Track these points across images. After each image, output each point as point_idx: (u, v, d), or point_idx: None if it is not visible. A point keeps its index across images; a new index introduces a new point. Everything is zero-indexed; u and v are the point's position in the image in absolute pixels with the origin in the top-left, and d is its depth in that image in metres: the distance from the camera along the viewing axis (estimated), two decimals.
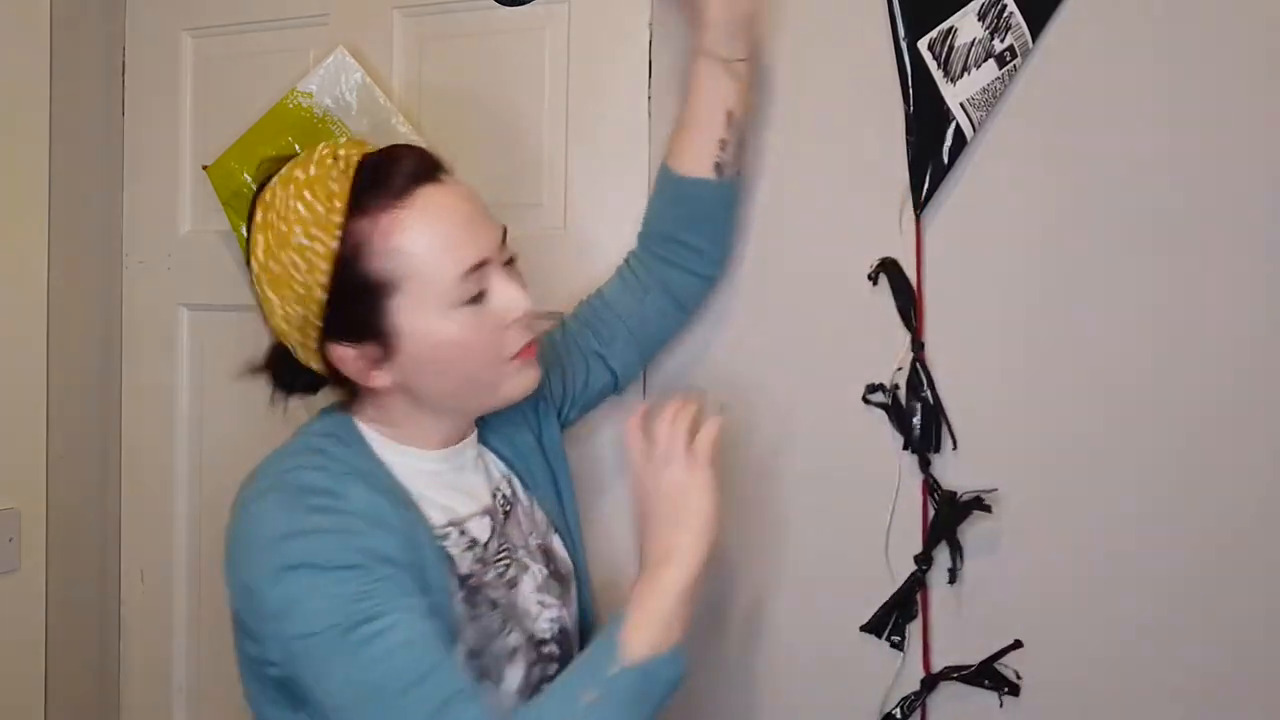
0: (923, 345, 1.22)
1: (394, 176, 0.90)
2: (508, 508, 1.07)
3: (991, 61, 1.16)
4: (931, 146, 1.19)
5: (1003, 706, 1.20)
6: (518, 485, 1.11)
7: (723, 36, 1.11)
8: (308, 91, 1.47)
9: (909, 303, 1.21)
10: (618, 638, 0.88)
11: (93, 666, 1.67)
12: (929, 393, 1.20)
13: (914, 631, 1.23)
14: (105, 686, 1.69)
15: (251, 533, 0.89)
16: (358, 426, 1.00)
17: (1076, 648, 1.17)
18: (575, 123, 1.39)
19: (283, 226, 0.90)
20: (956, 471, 1.21)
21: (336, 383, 1.01)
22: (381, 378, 0.95)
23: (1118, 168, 1.14)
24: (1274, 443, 1.09)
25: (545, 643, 1.03)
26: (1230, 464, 1.11)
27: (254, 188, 1.48)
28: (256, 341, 1.57)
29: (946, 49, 1.17)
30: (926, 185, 1.20)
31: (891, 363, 1.23)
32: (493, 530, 1.02)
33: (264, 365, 1.05)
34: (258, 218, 0.94)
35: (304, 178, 0.91)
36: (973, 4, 1.16)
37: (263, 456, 1.00)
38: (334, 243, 0.89)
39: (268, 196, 0.93)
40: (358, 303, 0.91)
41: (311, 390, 1.06)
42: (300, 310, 0.92)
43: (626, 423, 1.01)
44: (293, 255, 0.90)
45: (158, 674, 1.66)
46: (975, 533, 1.20)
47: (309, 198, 0.89)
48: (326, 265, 0.89)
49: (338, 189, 0.89)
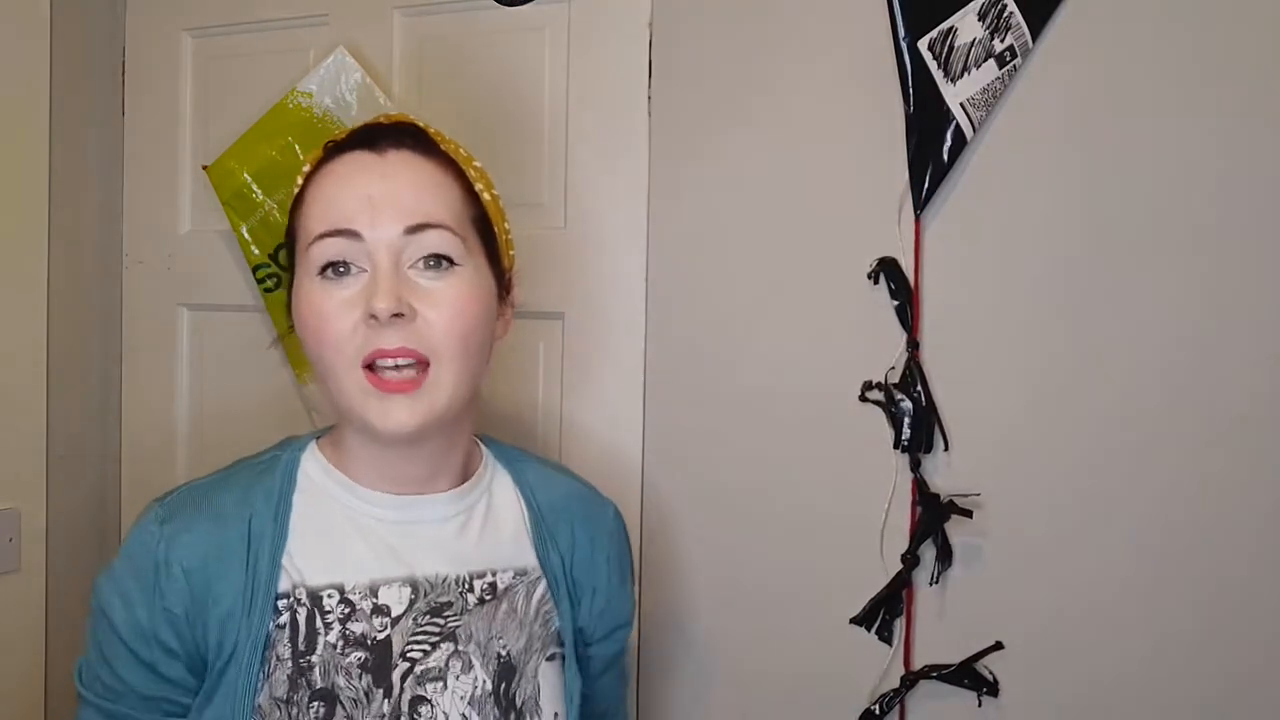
0: (918, 345, 1.22)
1: (344, 140, 0.90)
2: (488, 597, 0.92)
3: (991, 61, 1.16)
4: (931, 146, 1.19)
5: (981, 706, 1.20)
6: (536, 586, 0.95)
7: None
8: (308, 91, 1.47)
9: (907, 302, 1.21)
10: None
11: None
12: (922, 392, 1.21)
13: (897, 629, 1.24)
14: None
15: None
16: (310, 453, 0.93)
17: (1057, 651, 1.17)
18: (575, 123, 1.39)
19: None
20: (948, 472, 1.22)
21: None
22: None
23: (1118, 168, 1.14)
24: (1270, 447, 1.10)
25: None
26: (1223, 469, 1.11)
27: (254, 188, 1.50)
28: (256, 341, 1.59)
29: (946, 49, 1.17)
30: (926, 185, 1.20)
31: (889, 361, 1.23)
32: (410, 603, 0.88)
33: None
34: None
35: None
36: (973, 4, 1.16)
37: (208, 476, 0.97)
38: (293, 196, 0.92)
39: None
40: (289, 251, 0.91)
41: None
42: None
43: None
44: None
45: None
46: (963, 534, 1.20)
47: (305, 158, 0.94)
48: (287, 213, 0.92)
49: (320, 148, 0.92)
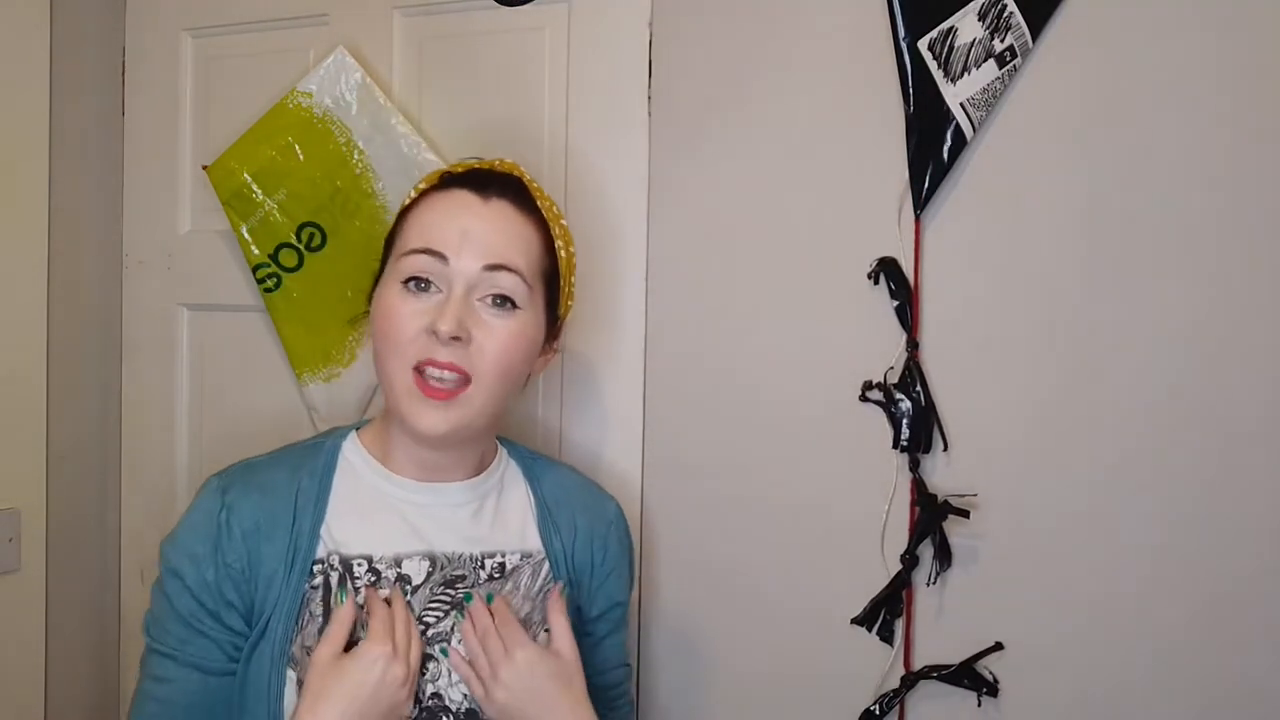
0: (918, 345, 1.22)
1: (459, 175, 1.03)
2: (497, 574, 1.04)
3: (991, 61, 1.16)
4: (931, 146, 1.19)
5: (980, 707, 1.20)
6: (540, 568, 1.07)
7: None
8: (308, 91, 1.47)
9: (906, 302, 1.21)
10: None
11: (93, 666, 1.67)
12: (921, 393, 1.21)
13: (898, 629, 1.24)
14: (105, 686, 1.69)
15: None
16: (351, 441, 1.06)
17: (1057, 652, 1.17)
18: (575, 122, 1.39)
19: None
20: (947, 472, 1.22)
21: None
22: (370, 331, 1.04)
23: (1118, 168, 1.14)
24: (1269, 449, 1.10)
25: (444, 711, 0.98)
26: (1223, 469, 1.11)
27: (254, 188, 1.50)
28: (256, 341, 1.59)
29: (946, 49, 1.17)
30: (926, 185, 1.20)
31: (888, 361, 1.23)
32: (428, 575, 1.01)
33: None
34: None
35: None
36: (973, 4, 1.16)
37: (263, 455, 1.07)
38: (406, 201, 1.07)
39: None
40: (386, 249, 1.05)
41: None
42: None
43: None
44: None
45: None
46: (962, 534, 1.20)
47: (424, 178, 1.09)
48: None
49: (438, 173, 1.07)
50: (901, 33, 1.19)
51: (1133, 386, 1.14)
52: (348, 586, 0.98)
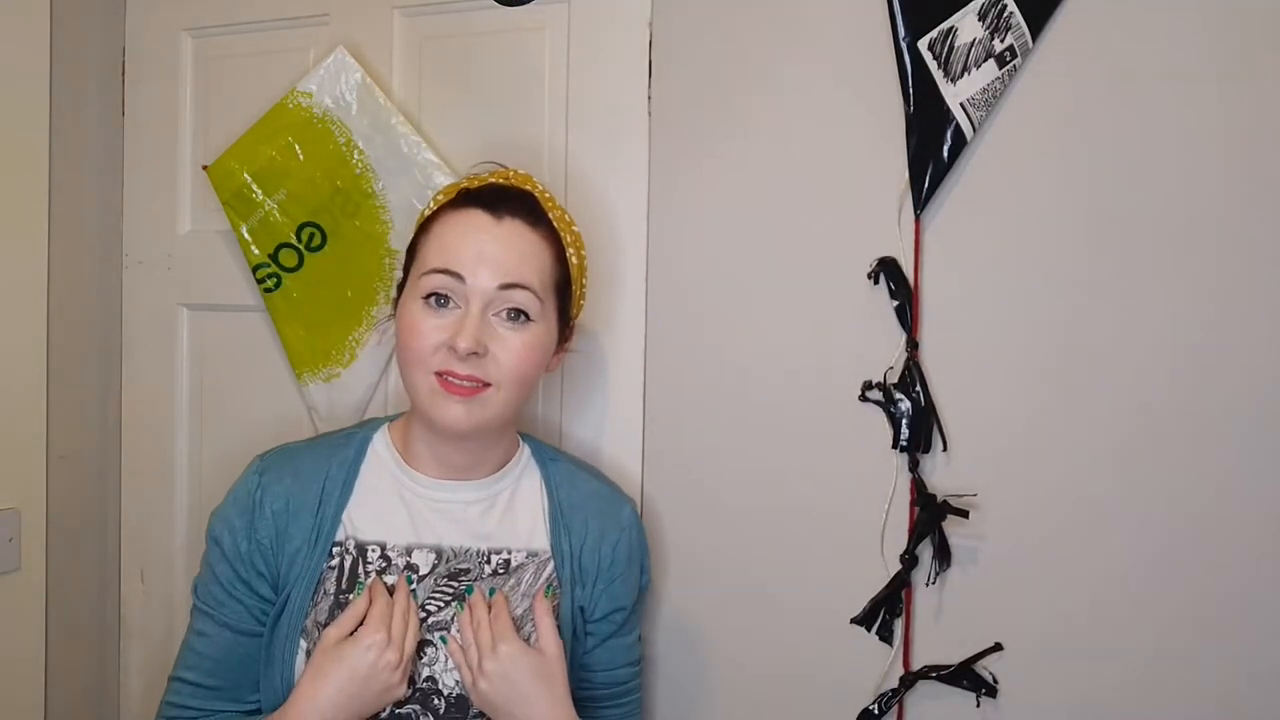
0: (918, 345, 1.22)
1: (471, 195, 1.10)
2: (501, 570, 1.11)
3: (991, 61, 1.16)
4: (931, 146, 1.19)
5: (979, 707, 1.20)
6: (544, 567, 1.13)
7: None
8: (308, 91, 1.47)
9: (906, 302, 1.22)
10: None
11: (93, 666, 1.67)
12: (921, 393, 1.21)
13: (897, 629, 1.24)
14: (105, 686, 1.69)
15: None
16: (381, 434, 1.15)
17: (1056, 653, 1.17)
18: (575, 122, 1.39)
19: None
20: (946, 472, 1.22)
21: None
22: (394, 333, 1.12)
23: (1118, 168, 1.14)
24: (1269, 449, 1.10)
25: (436, 694, 1.06)
26: (1223, 469, 1.11)
27: (254, 188, 1.50)
28: (256, 341, 1.59)
29: (946, 49, 1.17)
30: (926, 185, 1.20)
31: (888, 361, 1.23)
32: (434, 566, 1.09)
33: None
34: None
35: None
36: (973, 4, 1.16)
37: (301, 441, 1.18)
38: (426, 211, 1.15)
39: None
40: (408, 259, 1.13)
41: None
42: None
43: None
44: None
45: (158, 674, 1.66)
46: (962, 534, 1.20)
47: (441, 191, 1.16)
48: (417, 225, 1.14)
49: (455, 188, 1.13)
50: (901, 33, 1.19)
51: (1133, 386, 1.14)
52: (364, 580, 1.07)
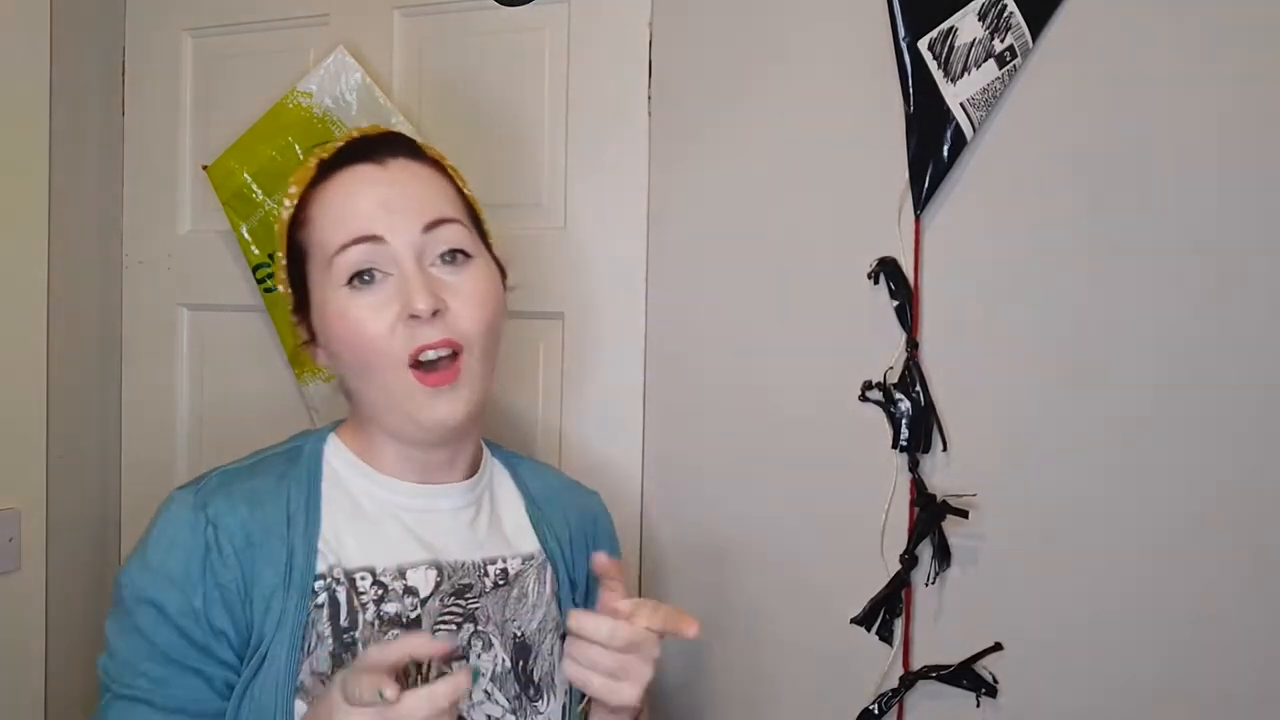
0: (918, 345, 1.22)
1: (338, 155, 0.94)
2: (502, 581, 0.97)
3: (991, 61, 1.16)
4: (931, 146, 1.19)
5: (979, 707, 1.20)
6: (544, 570, 1.01)
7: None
8: (308, 91, 1.47)
9: (906, 302, 1.21)
10: None
11: (93, 666, 1.67)
12: (921, 393, 1.21)
13: (897, 629, 1.24)
14: None
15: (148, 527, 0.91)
16: (331, 443, 0.97)
17: (1056, 653, 1.17)
18: (575, 122, 1.39)
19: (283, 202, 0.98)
20: (946, 472, 1.22)
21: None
22: (323, 358, 0.95)
23: (1118, 168, 1.14)
24: (1269, 448, 1.10)
25: None
26: (1223, 469, 1.11)
27: (254, 188, 1.50)
28: (256, 341, 1.59)
29: (946, 49, 1.17)
30: (926, 185, 1.20)
31: (888, 361, 1.23)
32: (436, 585, 0.92)
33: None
34: None
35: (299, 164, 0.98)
36: (973, 4, 1.16)
37: (237, 463, 0.98)
38: (285, 214, 0.96)
39: None
40: (293, 270, 0.95)
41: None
42: (282, 279, 0.98)
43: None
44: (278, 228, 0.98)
45: None
46: (962, 534, 1.20)
47: (292, 179, 0.97)
48: (282, 233, 0.96)
49: (309, 165, 0.95)
50: (901, 33, 1.19)
51: (1133, 386, 1.14)
52: (365, 615, 0.88)
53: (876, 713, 1.24)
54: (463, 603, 0.94)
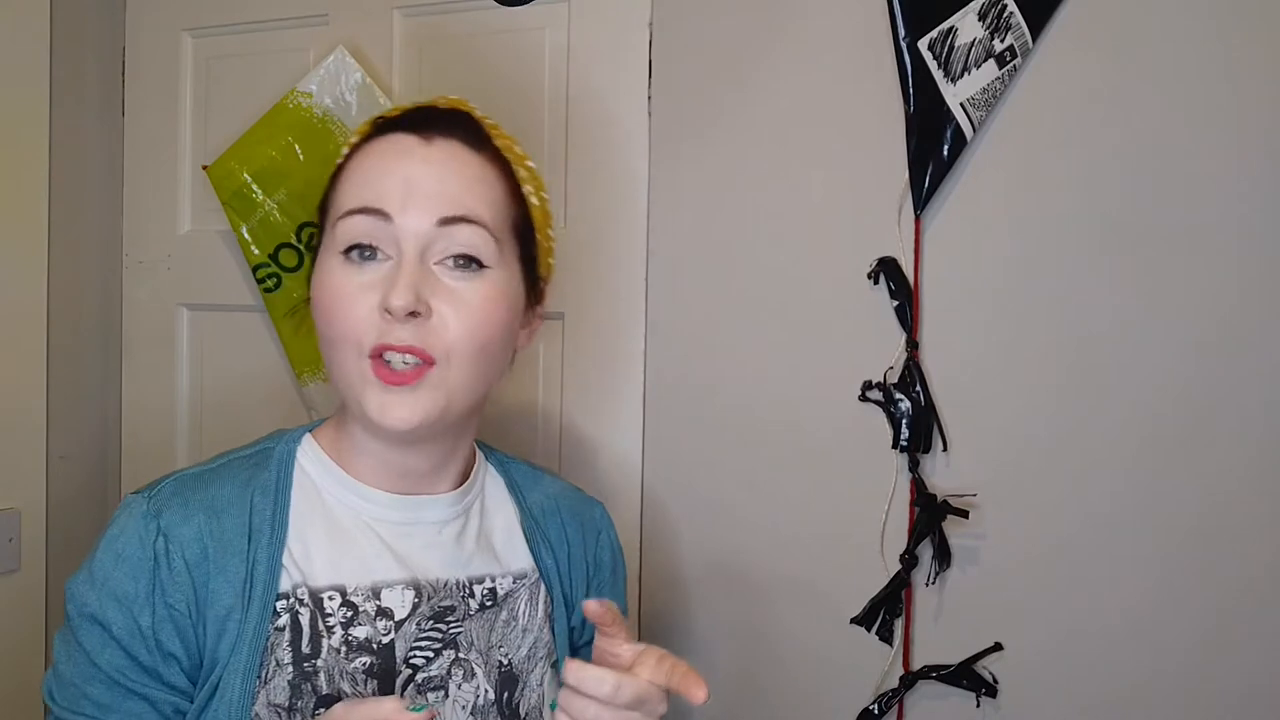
0: (918, 345, 1.22)
1: (394, 119, 0.87)
2: (489, 603, 0.89)
3: (991, 61, 1.16)
4: (931, 146, 1.19)
5: (980, 708, 1.20)
6: (537, 590, 0.93)
7: None
8: (308, 91, 1.47)
9: (906, 302, 1.21)
10: None
11: None
12: (921, 393, 1.21)
13: (897, 629, 1.24)
14: None
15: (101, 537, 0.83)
16: (305, 445, 0.89)
17: (1056, 653, 1.17)
18: (575, 122, 1.39)
19: None
20: (946, 472, 1.22)
21: None
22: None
23: (1118, 168, 1.14)
24: (1268, 449, 1.10)
25: None
26: (1222, 470, 1.11)
27: (254, 188, 1.50)
28: (256, 341, 1.59)
29: (946, 49, 1.17)
30: (926, 185, 1.20)
31: (888, 361, 1.23)
32: (414, 607, 0.85)
33: None
34: None
35: None
36: (973, 4, 1.16)
37: (197, 466, 0.92)
38: (337, 161, 0.89)
39: None
40: (320, 221, 0.88)
41: None
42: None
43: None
44: None
45: None
46: (962, 534, 1.20)
47: (355, 130, 0.91)
48: (327, 180, 0.89)
49: (369, 121, 0.89)
50: (901, 33, 1.19)
51: (1133, 386, 1.14)
52: (327, 638, 0.81)
53: (876, 713, 1.24)
54: (442, 627, 0.86)
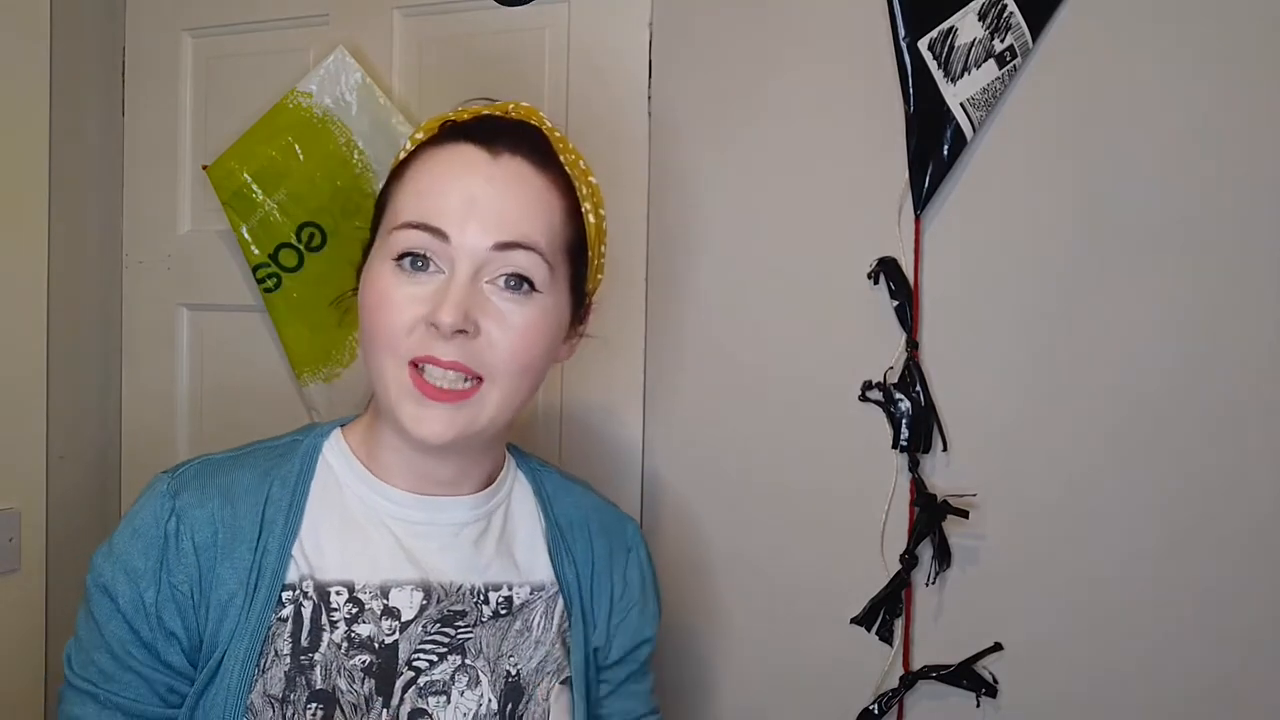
0: (917, 345, 1.22)
1: (462, 125, 0.85)
2: (504, 611, 0.89)
3: (991, 61, 1.16)
4: (931, 146, 1.19)
5: (979, 707, 1.20)
6: (554, 604, 0.92)
7: None
8: (308, 91, 1.47)
9: (906, 302, 1.21)
10: None
11: None
12: (921, 393, 1.21)
13: (897, 629, 1.24)
14: None
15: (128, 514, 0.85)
16: (333, 440, 0.90)
17: (1056, 653, 1.17)
18: (575, 123, 1.39)
19: None
20: (946, 472, 1.22)
21: None
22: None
23: (1117, 168, 1.14)
24: (1266, 448, 1.10)
25: None
26: (1222, 469, 1.11)
27: (254, 188, 1.50)
28: (256, 341, 1.59)
29: (946, 49, 1.17)
30: (926, 185, 1.20)
31: (888, 361, 1.23)
32: (422, 609, 0.85)
33: None
34: None
35: None
36: (973, 4, 1.16)
37: (226, 452, 0.94)
38: (401, 154, 0.88)
39: None
40: (376, 214, 0.87)
41: None
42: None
43: None
44: None
45: None
46: (962, 534, 1.20)
47: (422, 125, 0.90)
48: (389, 170, 0.89)
49: (438, 121, 0.88)
50: (901, 33, 1.19)
51: (1132, 386, 1.14)
52: (329, 632, 0.81)
53: (876, 713, 1.24)
54: (450, 631, 0.85)
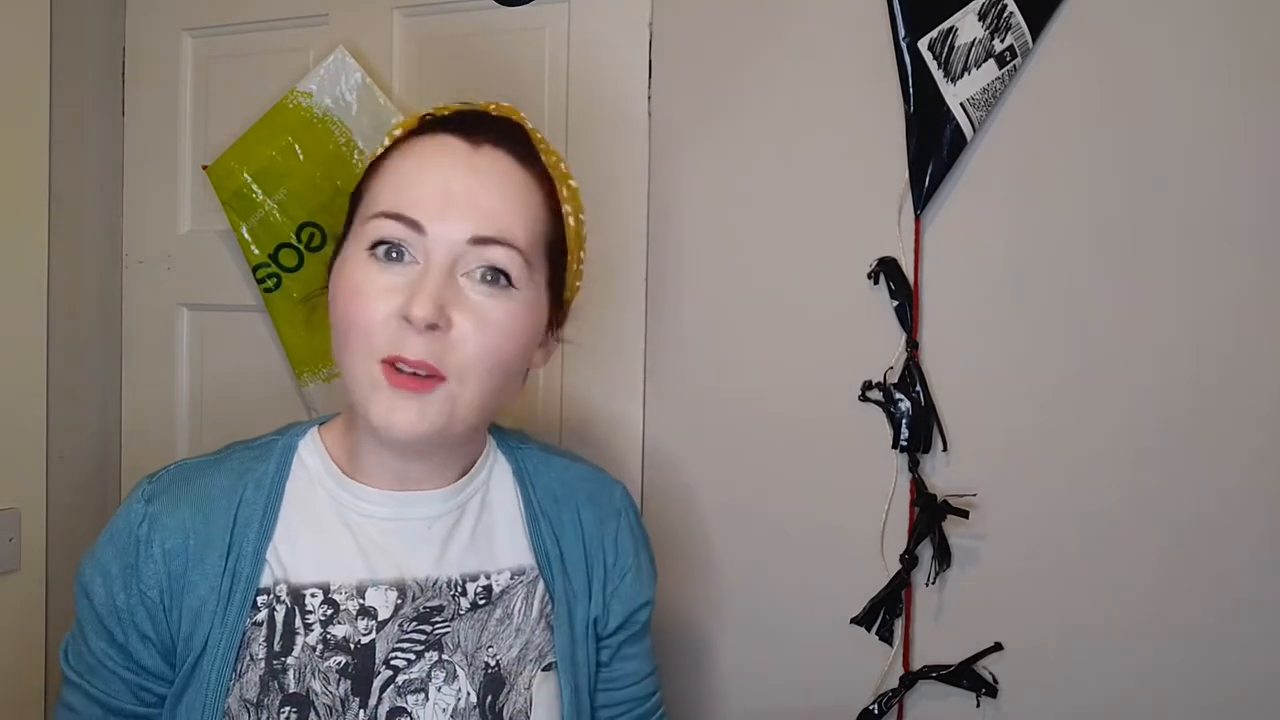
0: (917, 345, 1.22)
1: (443, 118, 0.85)
2: (483, 601, 0.87)
3: (991, 61, 1.16)
4: (931, 146, 1.19)
5: (979, 707, 1.20)
6: (534, 588, 0.90)
7: None
8: (308, 91, 1.47)
9: (906, 302, 1.21)
10: None
11: None
12: (921, 393, 1.21)
13: (897, 629, 1.24)
14: None
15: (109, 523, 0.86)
16: (309, 439, 0.89)
17: (1056, 653, 1.17)
18: (575, 123, 1.39)
19: None
20: (946, 472, 1.22)
21: None
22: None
23: (1117, 168, 1.14)
24: (1266, 448, 1.10)
25: None
26: (1222, 469, 1.11)
27: (254, 188, 1.50)
28: (256, 341, 1.59)
29: (946, 49, 1.17)
30: (926, 185, 1.20)
31: (888, 361, 1.23)
32: (397, 607, 0.84)
33: None
34: None
35: None
36: (973, 4, 1.16)
37: (203, 455, 0.95)
38: (379, 149, 0.87)
39: None
40: (350, 208, 0.86)
41: None
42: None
43: None
44: None
45: None
46: (962, 534, 1.20)
47: (401, 122, 0.89)
48: (364, 165, 0.88)
49: (417, 115, 0.87)
50: (901, 33, 1.19)
51: (1133, 385, 1.14)
52: (303, 635, 0.81)
53: (876, 713, 1.24)
54: (427, 628, 0.84)
